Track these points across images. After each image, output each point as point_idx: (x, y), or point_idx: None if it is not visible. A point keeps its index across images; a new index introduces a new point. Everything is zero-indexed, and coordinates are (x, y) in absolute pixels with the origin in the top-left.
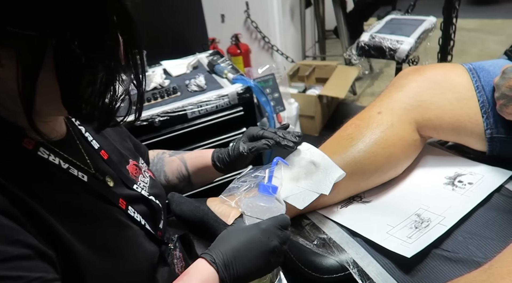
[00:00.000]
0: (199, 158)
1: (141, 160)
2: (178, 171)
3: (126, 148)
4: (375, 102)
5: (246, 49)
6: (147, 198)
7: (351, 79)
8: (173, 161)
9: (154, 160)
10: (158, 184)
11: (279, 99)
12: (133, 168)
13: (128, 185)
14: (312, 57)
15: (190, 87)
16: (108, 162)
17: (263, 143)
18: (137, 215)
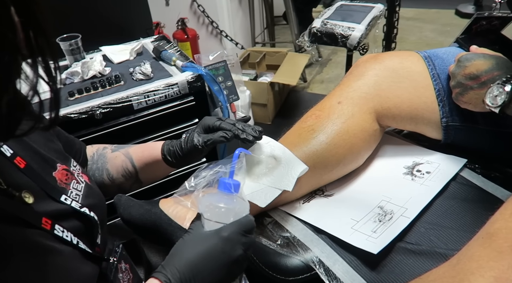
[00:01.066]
0: (146, 152)
1: (74, 162)
2: (124, 168)
3: (53, 150)
4: (334, 91)
5: (194, 34)
6: (79, 212)
7: (301, 66)
8: (116, 157)
9: (94, 157)
10: (95, 191)
11: (233, 88)
12: (62, 174)
13: (54, 197)
14: (261, 43)
15: (135, 76)
16: (26, 171)
17: (220, 135)
18: (67, 234)
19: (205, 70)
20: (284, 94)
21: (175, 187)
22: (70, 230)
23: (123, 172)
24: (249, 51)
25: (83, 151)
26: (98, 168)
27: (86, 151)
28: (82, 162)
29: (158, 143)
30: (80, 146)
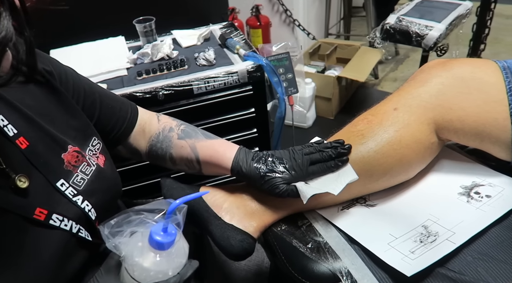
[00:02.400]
0: (214, 158)
1: (94, 141)
2: (188, 160)
3: (72, 128)
4: (392, 96)
5: (267, 22)
6: (71, 200)
7: (373, 62)
8: (182, 147)
9: (160, 136)
10: (106, 175)
11: (293, 80)
12: (72, 156)
13: (51, 182)
14: (335, 35)
15: (199, 61)
16: (26, 152)
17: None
18: (66, 223)
19: (266, 61)
20: (352, 89)
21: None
22: (71, 218)
23: (187, 162)
24: (320, 43)
25: (128, 119)
26: (162, 148)
27: (154, 123)
28: (125, 129)
29: (229, 154)
30: (127, 110)
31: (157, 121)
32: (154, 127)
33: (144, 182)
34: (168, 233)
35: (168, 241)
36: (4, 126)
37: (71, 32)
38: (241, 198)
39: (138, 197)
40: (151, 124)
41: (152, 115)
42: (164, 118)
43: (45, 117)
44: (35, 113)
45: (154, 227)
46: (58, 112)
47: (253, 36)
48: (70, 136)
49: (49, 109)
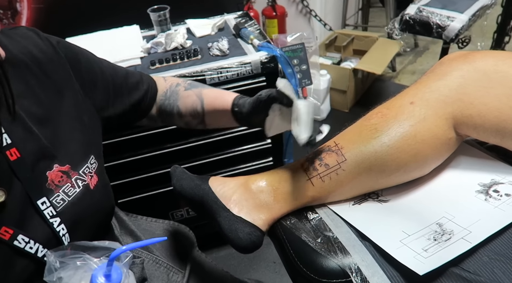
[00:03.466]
0: (218, 99)
1: (92, 161)
2: (193, 108)
3: (75, 141)
4: (408, 90)
5: (283, 12)
6: (47, 222)
7: (391, 54)
8: (188, 96)
9: (167, 93)
10: (95, 197)
11: (307, 72)
12: (57, 176)
13: (31, 198)
14: (352, 26)
15: (212, 51)
16: (14, 165)
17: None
18: (32, 245)
19: (280, 52)
20: (368, 82)
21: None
22: (38, 241)
23: (192, 111)
24: (337, 34)
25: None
26: (169, 104)
27: (162, 84)
28: (148, 104)
29: (232, 95)
30: (148, 88)
31: (164, 80)
32: (161, 87)
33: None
34: (110, 279)
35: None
36: (1, 134)
37: (87, 20)
38: (250, 190)
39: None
40: (159, 85)
41: (158, 78)
42: (171, 78)
43: (46, 124)
44: (36, 119)
45: (96, 269)
46: (64, 119)
47: (268, 26)
48: (66, 151)
49: (53, 114)
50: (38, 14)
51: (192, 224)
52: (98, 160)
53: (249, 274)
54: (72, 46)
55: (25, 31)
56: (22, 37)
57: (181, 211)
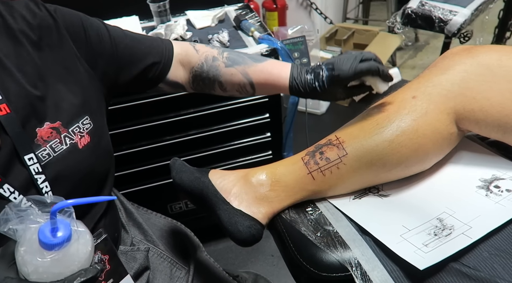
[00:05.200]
0: (270, 79)
1: (85, 121)
2: (241, 86)
3: (67, 101)
4: (410, 84)
5: (283, 4)
6: (32, 177)
7: (392, 48)
8: (233, 74)
9: (204, 66)
10: (81, 156)
11: (308, 65)
12: (46, 132)
13: (18, 153)
14: (353, 20)
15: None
16: (4, 119)
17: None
18: (16, 196)
19: (281, 44)
20: None
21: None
22: (22, 193)
23: (239, 89)
24: (337, 27)
25: (165, 57)
26: (208, 78)
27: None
28: (164, 67)
29: (284, 71)
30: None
31: (195, 51)
32: (194, 58)
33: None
34: (59, 232)
35: (53, 242)
36: None
37: (86, 11)
38: (250, 183)
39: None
40: (188, 55)
41: (188, 47)
42: (202, 48)
43: (40, 85)
44: (31, 78)
45: (44, 224)
46: (59, 82)
47: (269, 19)
48: (58, 108)
49: (48, 78)
50: None
51: (190, 217)
52: (94, 122)
53: (247, 267)
54: (71, 12)
55: (24, 1)
56: (21, 6)
57: (180, 204)
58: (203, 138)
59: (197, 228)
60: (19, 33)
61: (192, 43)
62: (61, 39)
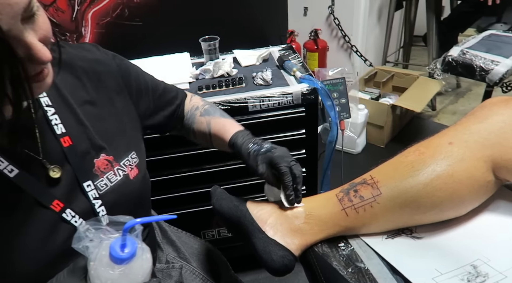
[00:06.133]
0: (221, 131)
1: (133, 155)
2: (204, 134)
3: (118, 138)
4: (447, 131)
5: (324, 46)
6: (90, 202)
7: (432, 93)
8: (201, 123)
9: (188, 113)
10: (133, 187)
11: (346, 106)
12: (103, 163)
13: (79, 180)
14: (393, 63)
15: (256, 80)
16: (67, 150)
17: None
18: (77, 219)
19: (321, 85)
20: (406, 119)
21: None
22: (82, 217)
23: (203, 136)
24: (377, 70)
25: (180, 111)
26: (188, 124)
27: (188, 103)
28: (179, 118)
29: (233, 129)
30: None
31: (189, 100)
32: (187, 105)
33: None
34: (126, 249)
35: (122, 257)
36: (56, 124)
37: (142, 46)
38: (286, 215)
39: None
40: (185, 104)
41: (187, 96)
42: (195, 99)
43: (97, 121)
44: (89, 115)
45: (114, 241)
46: (111, 120)
47: (309, 59)
48: (111, 144)
49: (103, 114)
50: (99, 38)
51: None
52: (139, 157)
53: None
54: (125, 61)
55: (88, 45)
56: (85, 49)
57: (213, 231)
58: (240, 169)
59: (227, 258)
60: (82, 72)
61: (192, 94)
62: (115, 82)
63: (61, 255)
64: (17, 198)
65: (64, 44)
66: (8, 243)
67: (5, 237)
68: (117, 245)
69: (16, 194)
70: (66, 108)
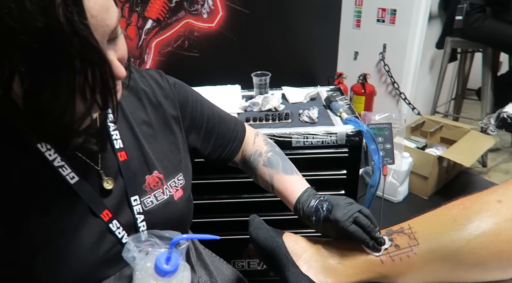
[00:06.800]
0: (285, 192)
1: (180, 177)
2: (267, 185)
3: (168, 159)
4: (497, 188)
5: (372, 90)
6: (134, 217)
7: (483, 148)
8: (264, 173)
9: (251, 157)
10: (176, 208)
11: (390, 151)
12: (154, 180)
13: (128, 194)
14: (443, 114)
15: (302, 117)
16: (122, 164)
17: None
18: (120, 231)
19: (367, 128)
20: (453, 172)
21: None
22: (125, 229)
23: (265, 185)
24: (425, 119)
25: (238, 139)
26: (251, 167)
27: (253, 143)
28: (231, 152)
29: (297, 191)
30: (237, 134)
31: (252, 143)
32: (249, 147)
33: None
34: (170, 263)
35: (166, 270)
36: (115, 139)
37: (198, 75)
38: (322, 253)
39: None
40: (247, 144)
41: (251, 135)
42: (258, 141)
43: (151, 140)
44: (145, 134)
45: (160, 253)
46: (164, 141)
47: (355, 102)
48: (162, 164)
49: (158, 135)
50: (159, 65)
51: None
52: (186, 179)
53: None
54: (185, 88)
55: (153, 71)
56: (149, 74)
57: (243, 261)
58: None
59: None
60: (144, 95)
61: (256, 134)
62: (173, 107)
63: (103, 264)
64: (75, 203)
65: (132, 68)
66: (65, 244)
67: (64, 238)
68: (163, 257)
69: (75, 200)
70: (126, 125)
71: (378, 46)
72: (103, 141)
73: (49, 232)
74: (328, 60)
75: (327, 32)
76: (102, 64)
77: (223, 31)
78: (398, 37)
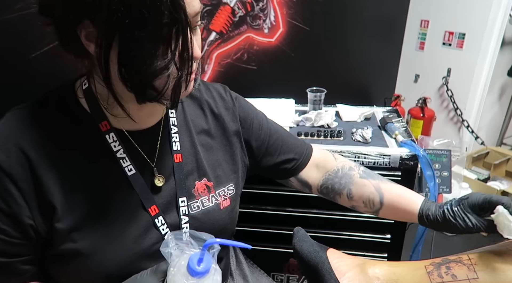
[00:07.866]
0: (403, 200)
1: (230, 187)
2: (370, 199)
3: (221, 168)
4: None
5: (431, 115)
6: (179, 219)
7: None
8: (365, 185)
9: (339, 173)
10: (220, 216)
11: (447, 180)
12: (201, 186)
13: (177, 195)
14: (510, 147)
15: (355, 136)
16: (176, 166)
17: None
18: (164, 227)
19: (423, 152)
20: None
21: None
22: (169, 227)
23: (366, 201)
24: (489, 150)
25: (303, 155)
26: (340, 183)
27: (330, 161)
28: (300, 164)
29: (417, 198)
30: (302, 151)
31: (334, 159)
32: (331, 164)
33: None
34: (202, 264)
35: (197, 271)
36: (174, 141)
37: (254, 87)
38: (366, 273)
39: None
40: (326, 161)
41: (327, 154)
42: (341, 158)
43: (208, 149)
44: (203, 142)
45: (193, 254)
46: (221, 150)
47: (412, 125)
48: (213, 172)
49: (215, 145)
50: (218, 75)
51: None
52: (235, 189)
53: None
54: (247, 103)
55: (217, 85)
56: (214, 88)
57: (282, 275)
58: (321, 218)
59: None
60: (207, 106)
61: (332, 153)
62: (233, 118)
63: (144, 256)
64: (129, 194)
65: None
66: (114, 232)
67: (114, 226)
68: (195, 258)
69: (129, 191)
70: (186, 131)
71: (442, 70)
72: (162, 141)
73: (102, 217)
74: (386, 80)
75: (388, 53)
76: (185, 30)
77: (282, 46)
78: (465, 61)
